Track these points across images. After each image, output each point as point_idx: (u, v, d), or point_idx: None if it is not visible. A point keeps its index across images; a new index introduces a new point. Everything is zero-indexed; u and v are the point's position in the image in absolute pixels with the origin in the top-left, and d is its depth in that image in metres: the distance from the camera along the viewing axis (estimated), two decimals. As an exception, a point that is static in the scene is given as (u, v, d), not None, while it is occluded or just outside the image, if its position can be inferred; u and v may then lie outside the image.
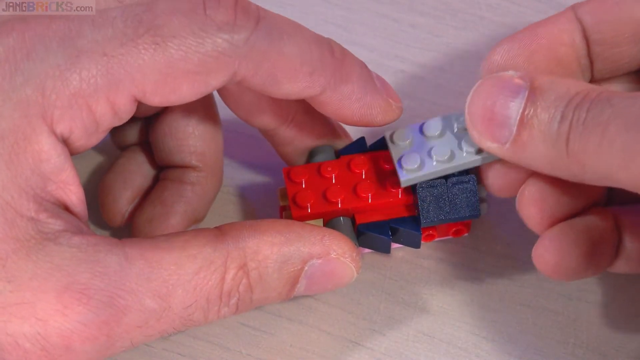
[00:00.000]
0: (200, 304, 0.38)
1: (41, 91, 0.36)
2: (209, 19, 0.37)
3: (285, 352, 0.44)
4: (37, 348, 0.36)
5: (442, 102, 0.51)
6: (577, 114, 0.36)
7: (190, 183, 0.45)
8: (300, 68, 0.39)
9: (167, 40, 0.37)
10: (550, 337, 0.44)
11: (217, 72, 0.37)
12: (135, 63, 0.36)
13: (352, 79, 0.40)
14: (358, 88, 0.41)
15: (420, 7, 0.55)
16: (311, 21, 0.54)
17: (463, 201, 0.42)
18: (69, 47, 0.36)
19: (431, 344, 0.44)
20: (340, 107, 0.41)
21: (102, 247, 0.37)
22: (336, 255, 0.41)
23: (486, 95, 0.39)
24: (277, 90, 0.39)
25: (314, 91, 0.40)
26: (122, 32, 0.36)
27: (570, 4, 0.42)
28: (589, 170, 0.36)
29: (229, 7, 0.37)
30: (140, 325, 0.37)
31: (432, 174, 0.42)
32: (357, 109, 0.41)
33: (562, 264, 0.40)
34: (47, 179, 0.37)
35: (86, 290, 0.36)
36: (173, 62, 0.37)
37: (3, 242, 0.36)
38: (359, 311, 0.45)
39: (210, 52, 0.37)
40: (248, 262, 0.39)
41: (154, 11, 0.37)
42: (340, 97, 0.40)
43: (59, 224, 0.37)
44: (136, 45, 0.36)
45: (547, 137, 0.37)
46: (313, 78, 0.39)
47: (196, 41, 0.37)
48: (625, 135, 0.35)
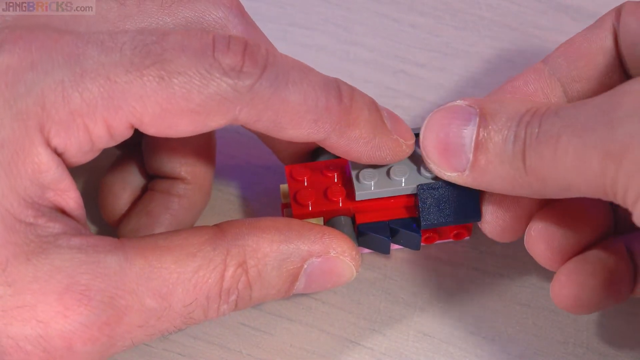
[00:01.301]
0: (200, 302, 0.38)
1: (42, 104, 0.36)
2: (217, 62, 0.37)
3: (285, 352, 0.44)
4: (39, 350, 0.36)
5: (442, 102, 0.51)
6: (530, 130, 0.37)
7: (177, 195, 0.45)
8: (304, 116, 0.38)
9: (172, 76, 0.36)
10: (550, 337, 0.44)
11: (217, 115, 0.37)
12: (137, 93, 0.36)
13: (359, 123, 0.40)
14: (366, 132, 0.40)
15: (420, 7, 0.55)
16: (311, 21, 0.54)
17: (464, 204, 0.42)
18: (75, 64, 0.36)
19: (431, 344, 0.44)
20: (347, 150, 0.40)
21: (101, 248, 0.37)
22: (336, 253, 0.41)
23: (438, 127, 0.39)
24: (280, 135, 0.39)
25: (319, 137, 0.39)
26: (130, 59, 0.36)
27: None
28: (550, 183, 0.37)
29: (237, 52, 0.37)
30: (141, 325, 0.38)
31: (384, 192, 0.42)
32: (365, 151, 0.40)
33: (581, 298, 0.41)
34: (47, 189, 0.37)
35: (87, 291, 0.36)
36: (174, 98, 0.36)
37: (3, 248, 0.36)
38: (359, 311, 0.45)
39: (212, 95, 0.37)
40: (247, 259, 0.39)
41: (164, 44, 0.37)
42: (347, 141, 0.40)
43: (57, 227, 0.37)
44: (141, 76, 0.36)
45: (504, 158, 0.38)
46: (318, 125, 0.39)
47: (201, 82, 0.36)
48: (576, 142, 0.35)
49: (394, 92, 0.52)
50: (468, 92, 0.52)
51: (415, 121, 0.51)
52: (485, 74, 0.53)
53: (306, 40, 0.54)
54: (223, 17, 0.41)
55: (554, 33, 0.54)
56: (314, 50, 0.53)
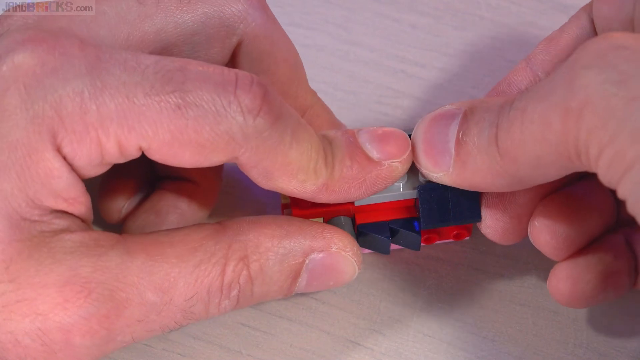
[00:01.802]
0: (201, 296, 0.38)
1: (58, 111, 0.36)
2: (237, 100, 0.37)
3: (285, 352, 0.44)
4: (38, 344, 0.36)
5: (442, 102, 0.51)
6: (502, 114, 0.37)
7: (186, 196, 0.45)
8: (295, 174, 0.39)
9: (189, 107, 0.36)
10: (550, 337, 0.44)
11: (221, 153, 0.37)
12: (151, 117, 0.36)
13: (349, 175, 0.40)
14: (355, 180, 0.40)
15: (420, 7, 0.55)
16: (311, 21, 0.54)
17: (464, 205, 0.42)
18: (96, 77, 0.36)
19: (431, 344, 0.44)
20: (340, 198, 0.40)
21: (103, 242, 0.37)
22: (337, 249, 0.41)
23: (425, 129, 0.40)
24: (266, 184, 0.39)
25: (304, 195, 0.40)
26: (151, 83, 0.36)
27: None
28: (521, 162, 0.36)
29: (257, 95, 0.37)
30: (141, 319, 0.38)
31: (383, 198, 0.42)
32: (359, 194, 0.40)
33: (577, 291, 0.41)
34: (57, 195, 0.37)
35: (87, 283, 0.36)
36: (186, 129, 0.36)
37: (7, 246, 0.36)
38: (359, 311, 0.45)
39: (222, 134, 0.37)
40: (249, 254, 0.39)
41: (186, 73, 0.37)
42: (338, 195, 0.40)
43: (61, 223, 0.37)
44: (159, 101, 0.36)
45: (480, 147, 0.38)
46: (305, 185, 0.39)
47: (215, 118, 0.36)
48: (540, 107, 0.35)
49: (394, 92, 0.52)
50: (468, 92, 0.52)
51: (415, 121, 0.50)
52: (485, 74, 0.53)
53: (306, 40, 0.54)
54: (242, 9, 0.41)
55: (554, 33, 0.54)
56: (314, 50, 0.53)
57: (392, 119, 0.51)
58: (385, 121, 0.50)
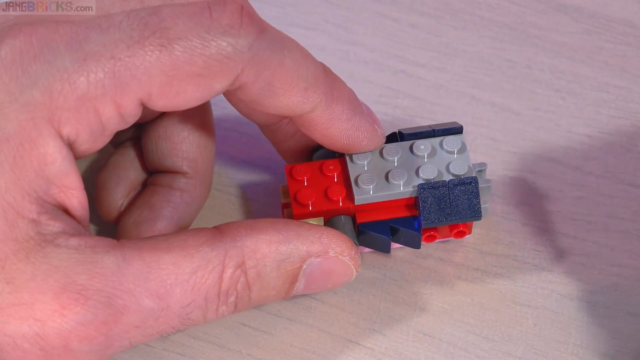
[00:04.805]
0: (199, 303, 0.38)
1: (49, 94, 0.36)
2: (215, 22, 0.37)
3: (285, 352, 0.44)
4: (36, 348, 0.36)
5: (442, 102, 0.51)
6: None
7: (179, 189, 0.45)
8: (296, 82, 0.39)
9: (173, 42, 0.37)
10: (550, 337, 0.44)
11: (221, 76, 0.38)
12: (141, 65, 0.36)
13: (342, 99, 0.41)
14: (347, 109, 0.41)
15: (420, 7, 0.55)
16: (311, 21, 0.54)
17: (465, 203, 0.42)
18: (77, 50, 0.36)
19: (431, 344, 0.44)
20: (329, 127, 0.41)
21: (99, 249, 0.37)
22: (335, 253, 0.41)
23: None
24: (271, 102, 0.39)
25: (307, 107, 0.40)
26: (129, 35, 0.37)
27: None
28: None
29: (234, 11, 0.38)
30: (139, 325, 0.38)
31: (383, 197, 0.42)
32: (345, 130, 0.41)
33: None
34: (51, 183, 0.37)
35: (84, 290, 0.36)
36: (178, 64, 0.37)
37: (3, 244, 0.36)
38: (359, 311, 0.45)
39: (215, 55, 0.37)
40: (246, 260, 0.39)
41: (160, 14, 0.37)
42: (330, 116, 0.41)
43: (57, 225, 0.37)
44: (142, 47, 0.36)
45: None
46: (307, 94, 0.40)
47: (202, 44, 0.37)
48: None
49: (394, 92, 0.52)
50: (468, 92, 0.52)
51: (415, 121, 0.51)
52: (485, 74, 0.53)
53: (306, 40, 0.53)
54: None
55: (554, 33, 0.54)
56: (314, 50, 0.53)
57: (392, 119, 0.51)
58: (385, 121, 0.50)
